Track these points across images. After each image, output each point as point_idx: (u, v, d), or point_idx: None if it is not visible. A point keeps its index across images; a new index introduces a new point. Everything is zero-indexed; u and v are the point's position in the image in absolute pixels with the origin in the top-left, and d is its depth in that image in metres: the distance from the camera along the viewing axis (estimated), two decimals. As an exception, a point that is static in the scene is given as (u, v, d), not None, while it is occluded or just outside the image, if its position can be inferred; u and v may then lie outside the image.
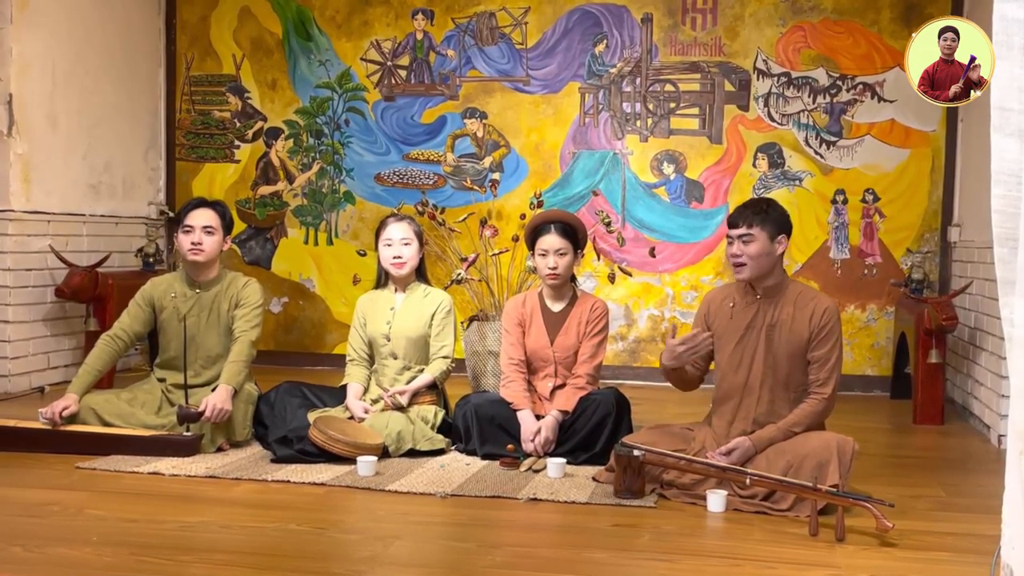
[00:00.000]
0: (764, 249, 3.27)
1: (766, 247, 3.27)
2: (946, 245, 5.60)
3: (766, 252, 3.27)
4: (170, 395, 3.97)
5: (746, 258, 3.27)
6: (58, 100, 5.38)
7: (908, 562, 2.65)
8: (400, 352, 4.04)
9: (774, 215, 3.30)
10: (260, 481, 3.37)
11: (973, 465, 3.98)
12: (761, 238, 3.26)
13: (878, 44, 5.65)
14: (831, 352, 3.26)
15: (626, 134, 5.93)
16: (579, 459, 3.66)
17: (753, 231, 3.26)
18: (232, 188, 6.36)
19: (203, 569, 2.49)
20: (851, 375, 5.63)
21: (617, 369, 5.86)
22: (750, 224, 3.26)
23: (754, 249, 3.26)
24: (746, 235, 3.27)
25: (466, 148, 6.10)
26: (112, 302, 5.21)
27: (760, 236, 3.26)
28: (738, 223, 3.29)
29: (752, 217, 3.27)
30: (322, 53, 6.22)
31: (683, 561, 2.62)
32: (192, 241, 3.95)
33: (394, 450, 3.70)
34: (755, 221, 3.27)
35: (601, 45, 5.93)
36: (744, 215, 3.29)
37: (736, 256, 3.29)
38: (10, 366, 5.04)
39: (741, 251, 3.27)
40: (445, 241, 5.18)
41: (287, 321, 6.32)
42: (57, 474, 3.42)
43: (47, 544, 2.65)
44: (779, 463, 3.13)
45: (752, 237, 3.26)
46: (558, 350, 3.91)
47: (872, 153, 5.67)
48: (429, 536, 2.87)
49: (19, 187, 5.11)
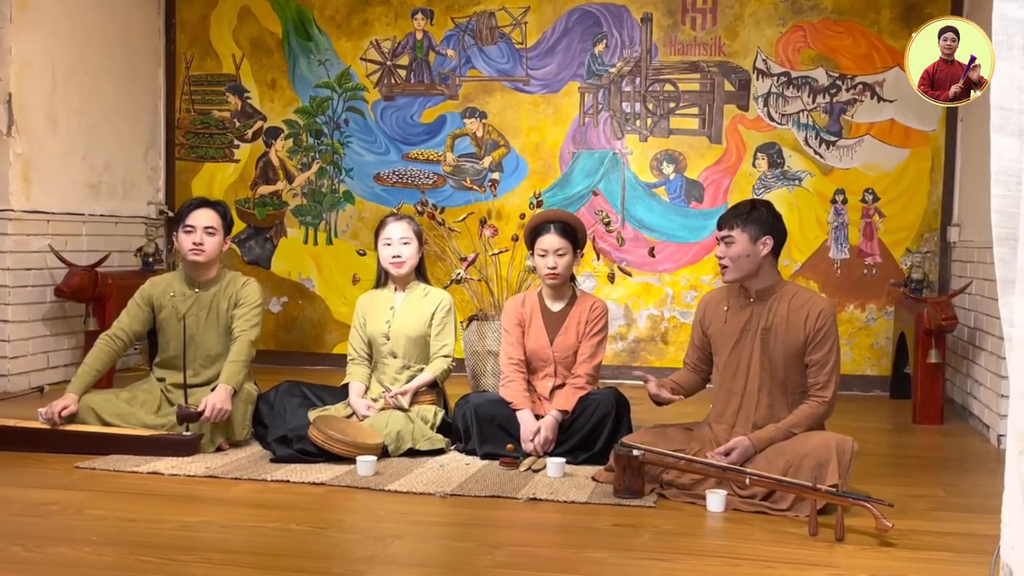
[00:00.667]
0: (745, 250, 3.28)
1: (747, 248, 3.28)
2: (946, 245, 5.60)
3: (747, 253, 3.28)
4: (169, 395, 3.97)
5: (728, 260, 3.30)
6: (58, 100, 5.38)
7: (908, 562, 2.65)
8: (400, 351, 4.04)
9: (757, 216, 3.29)
10: (259, 481, 3.37)
11: (972, 465, 3.98)
12: (742, 240, 3.27)
13: (878, 44, 5.65)
14: (829, 355, 3.25)
15: (626, 134, 5.93)
16: (579, 459, 3.66)
17: (733, 233, 3.29)
18: (232, 188, 6.36)
19: (203, 569, 2.49)
20: (850, 375, 5.64)
21: (617, 369, 5.86)
22: (731, 226, 3.30)
23: (735, 251, 3.28)
24: (727, 237, 3.30)
25: (466, 148, 6.10)
26: (112, 302, 5.21)
27: (740, 238, 3.28)
28: (720, 225, 3.34)
29: (733, 219, 3.30)
30: (322, 53, 6.22)
31: (683, 561, 2.62)
32: (193, 241, 3.95)
33: (393, 450, 3.70)
34: (736, 223, 3.29)
35: (601, 45, 5.93)
36: (726, 217, 3.34)
37: (720, 258, 3.34)
38: (9, 366, 5.04)
39: (723, 253, 3.31)
40: (445, 241, 5.18)
41: (287, 321, 6.32)
42: (57, 474, 3.42)
43: (47, 544, 2.65)
44: (778, 463, 3.12)
45: (732, 239, 3.29)
46: (557, 350, 3.91)
47: (872, 153, 5.67)
48: (429, 536, 2.87)
49: (19, 186, 5.11)
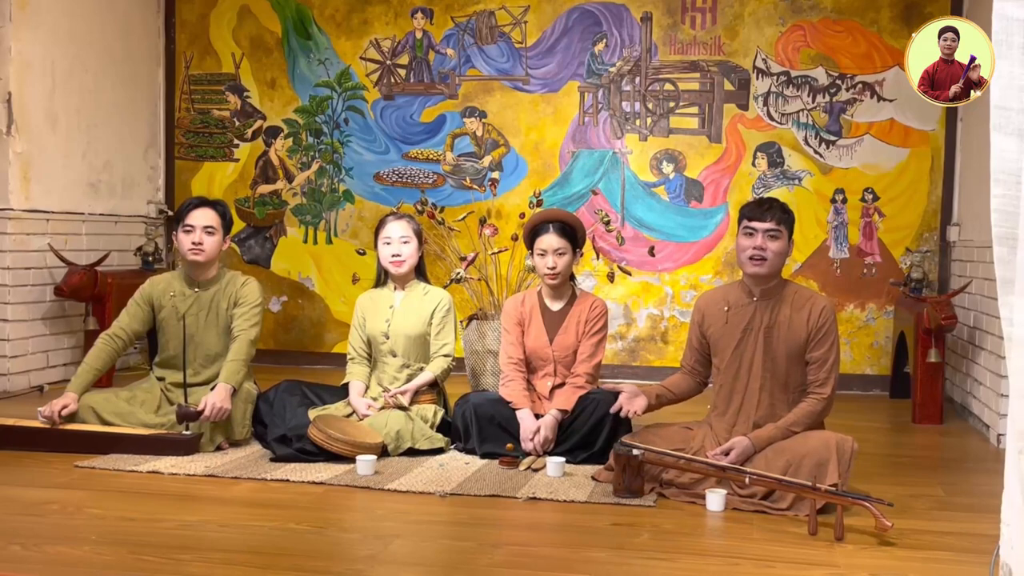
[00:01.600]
0: (784, 248, 3.30)
1: (785, 247, 3.31)
2: (945, 244, 5.60)
3: (784, 252, 3.31)
4: (169, 394, 3.97)
5: (770, 253, 3.27)
6: (57, 99, 5.38)
7: (907, 561, 2.65)
8: (399, 350, 4.04)
9: (792, 219, 3.35)
10: (259, 480, 3.37)
11: (972, 464, 3.98)
12: (784, 237, 3.29)
13: (877, 43, 5.65)
14: (829, 352, 3.26)
15: (625, 133, 5.93)
16: (578, 458, 3.66)
17: (781, 228, 3.28)
18: (231, 187, 6.36)
19: (202, 568, 2.49)
20: (850, 374, 5.64)
21: (616, 368, 5.86)
22: (778, 221, 3.28)
23: (779, 246, 3.28)
24: (775, 231, 3.27)
25: (465, 147, 6.10)
26: (111, 301, 5.21)
27: (784, 235, 3.29)
28: (765, 218, 3.27)
29: (780, 215, 3.29)
30: (321, 52, 6.22)
31: (682, 560, 2.62)
32: (193, 241, 3.94)
33: (393, 449, 3.70)
34: (783, 220, 3.29)
35: (600, 44, 5.93)
36: (772, 211, 3.29)
37: (760, 249, 3.27)
38: (9, 365, 5.04)
39: (766, 245, 3.27)
40: (444, 240, 5.17)
41: (286, 320, 6.32)
42: (56, 473, 3.42)
43: (46, 542, 2.65)
44: (778, 462, 3.12)
45: (780, 234, 3.28)
46: (557, 349, 3.91)
47: (871, 152, 5.67)
48: (428, 535, 2.87)
49: (18, 186, 5.11)
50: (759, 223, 3.28)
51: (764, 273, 3.30)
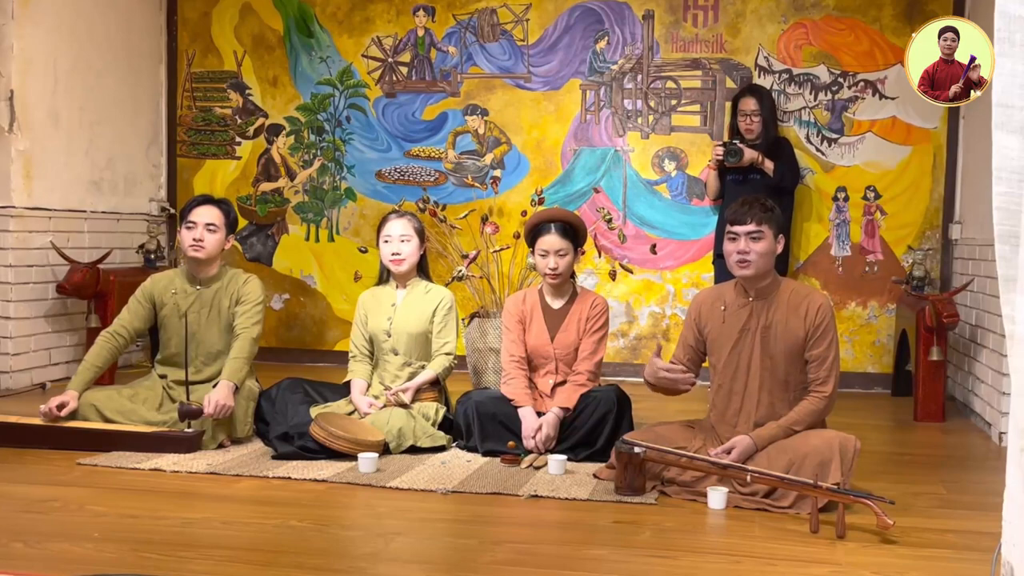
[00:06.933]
0: (770, 247, 3.28)
1: (771, 245, 3.28)
2: (947, 242, 5.59)
3: (771, 251, 3.28)
4: (171, 391, 3.98)
5: (754, 255, 3.25)
6: (60, 96, 5.38)
7: (909, 559, 2.65)
8: (401, 348, 4.04)
9: (777, 215, 3.32)
10: (261, 478, 3.37)
11: (974, 462, 3.98)
12: (768, 236, 3.27)
13: (880, 41, 5.64)
14: (828, 349, 3.25)
15: (627, 131, 5.93)
16: (580, 456, 3.66)
17: (762, 228, 3.26)
18: (233, 184, 6.36)
19: (204, 565, 2.50)
20: (852, 372, 5.64)
21: (618, 366, 5.86)
22: (759, 221, 3.26)
23: (762, 247, 3.26)
24: (756, 232, 3.25)
25: (467, 145, 6.10)
26: (113, 298, 5.21)
27: (767, 234, 3.26)
28: (746, 220, 3.27)
29: (761, 215, 3.27)
30: (323, 50, 6.22)
31: (684, 558, 2.63)
32: (194, 237, 3.95)
33: (395, 447, 3.70)
34: (764, 219, 3.27)
35: (603, 42, 5.92)
36: (753, 212, 3.27)
37: (744, 253, 3.26)
38: (11, 362, 5.04)
39: (749, 248, 3.25)
40: (446, 238, 5.18)
41: (288, 318, 6.32)
42: (58, 470, 3.43)
43: (48, 540, 2.66)
44: (781, 461, 3.12)
45: (761, 234, 3.26)
46: (559, 347, 3.91)
47: (873, 150, 5.66)
48: (430, 532, 2.87)
49: (21, 183, 5.11)
50: (740, 227, 3.27)
51: (751, 275, 3.29)
